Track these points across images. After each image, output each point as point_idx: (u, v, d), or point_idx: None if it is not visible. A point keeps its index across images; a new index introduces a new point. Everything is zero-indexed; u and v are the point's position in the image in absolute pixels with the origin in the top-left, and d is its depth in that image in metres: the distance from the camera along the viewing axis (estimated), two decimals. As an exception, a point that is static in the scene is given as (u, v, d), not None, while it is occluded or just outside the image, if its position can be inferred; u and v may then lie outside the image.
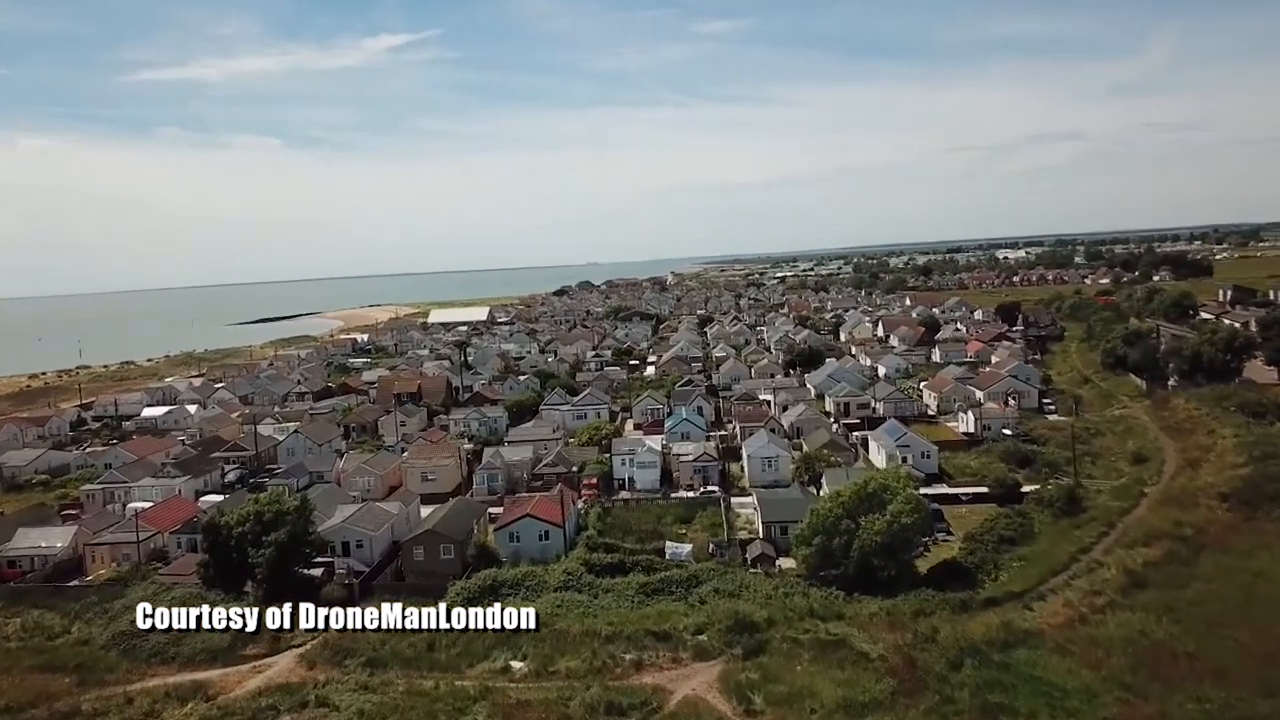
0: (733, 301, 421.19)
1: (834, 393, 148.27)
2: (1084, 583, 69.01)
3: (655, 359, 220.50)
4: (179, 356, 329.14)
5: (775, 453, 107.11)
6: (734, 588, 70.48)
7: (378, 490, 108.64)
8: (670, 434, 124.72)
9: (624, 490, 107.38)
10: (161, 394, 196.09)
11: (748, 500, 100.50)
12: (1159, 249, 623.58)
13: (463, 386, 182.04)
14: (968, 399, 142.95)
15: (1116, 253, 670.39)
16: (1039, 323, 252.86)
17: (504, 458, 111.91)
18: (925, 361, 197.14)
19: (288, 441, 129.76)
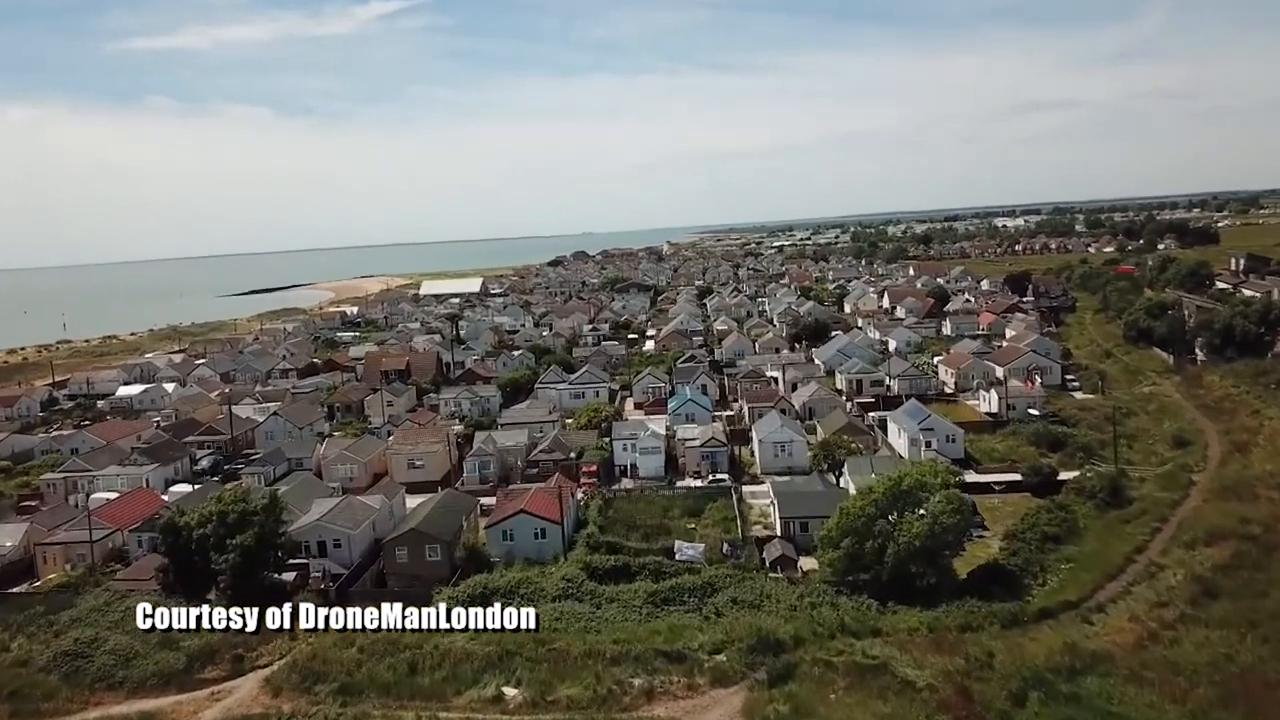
0: (731, 272, 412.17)
1: (845, 369, 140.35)
2: (1146, 591, 61.52)
3: (654, 333, 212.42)
4: (163, 330, 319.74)
5: (789, 437, 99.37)
6: (754, 597, 62.91)
7: (361, 479, 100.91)
8: (674, 415, 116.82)
9: (626, 478, 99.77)
10: (139, 371, 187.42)
11: (760, 489, 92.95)
12: (1159, 217, 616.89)
13: (454, 363, 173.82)
14: (987, 376, 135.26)
15: (1117, 220, 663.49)
16: (1050, 293, 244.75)
17: (497, 443, 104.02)
18: (936, 334, 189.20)
19: (266, 424, 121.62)
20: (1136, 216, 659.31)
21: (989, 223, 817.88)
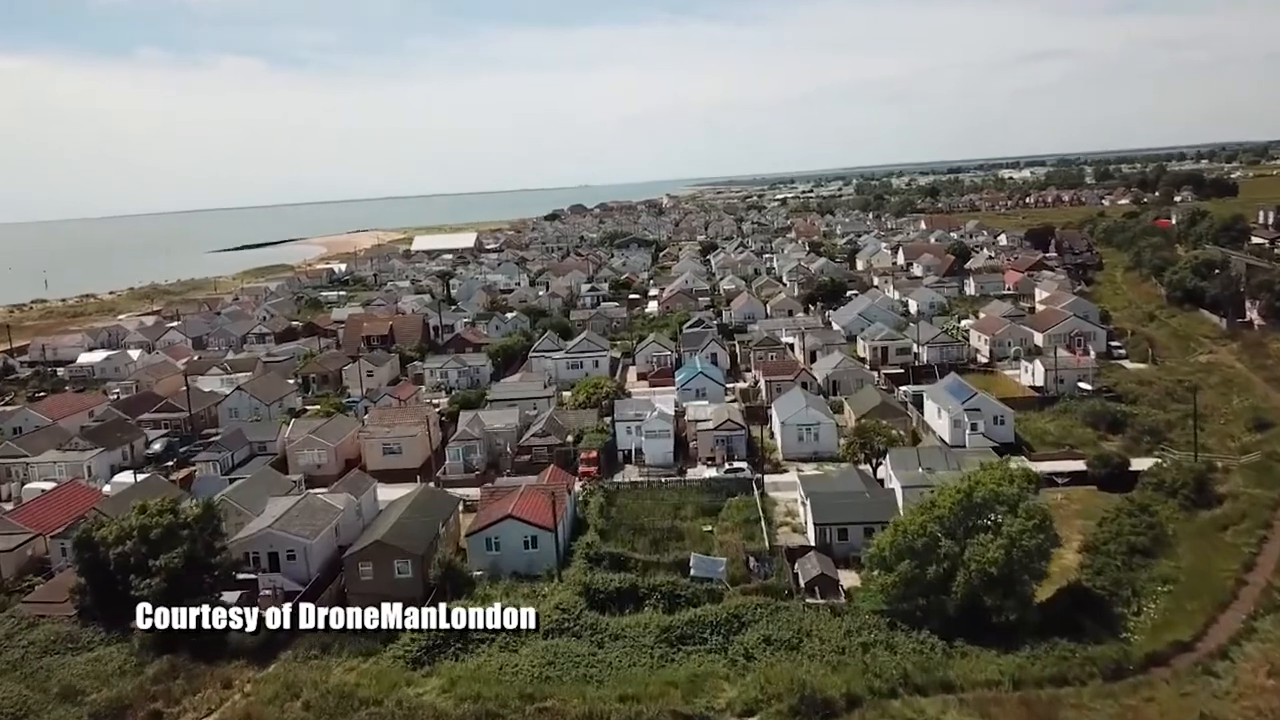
0: (734, 226, 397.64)
1: (868, 335, 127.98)
2: (1276, 629, 50.00)
3: (657, 292, 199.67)
4: (144, 289, 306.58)
5: (816, 419, 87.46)
6: (791, 634, 51.39)
7: (330, 466, 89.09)
8: (682, 391, 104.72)
9: (630, 464, 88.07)
10: (106, 335, 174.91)
11: (784, 480, 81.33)
12: (1169, 168, 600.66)
13: (442, 326, 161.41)
14: (1025, 342, 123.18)
15: (1125, 172, 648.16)
16: (1075, 249, 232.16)
17: (484, 425, 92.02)
18: (959, 294, 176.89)
19: (230, 399, 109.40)
20: (1145, 168, 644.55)
21: (994, 175, 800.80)
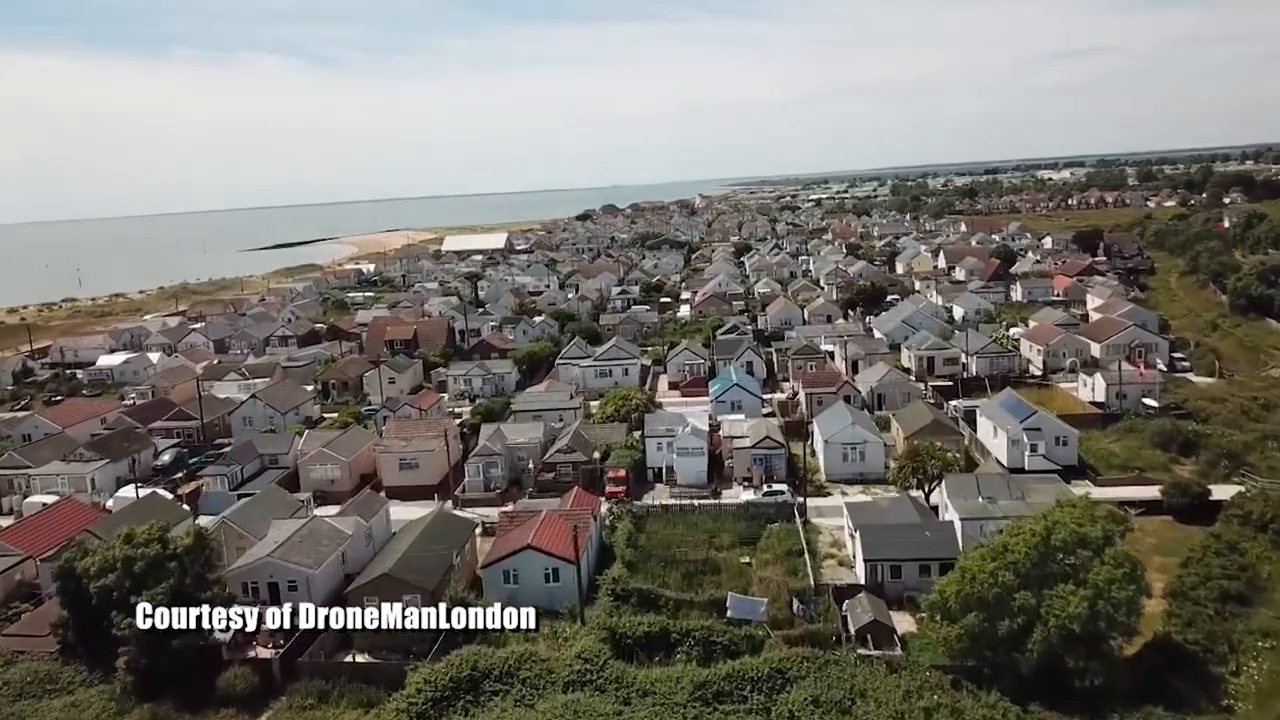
0: (768, 226, 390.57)
1: (913, 344, 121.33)
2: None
3: (690, 296, 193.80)
4: (173, 288, 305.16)
5: (862, 437, 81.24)
6: (842, 694, 45.41)
7: (344, 482, 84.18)
8: (717, 403, 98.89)
9: (660, 483, 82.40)
10: (129, 337, 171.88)
11: (827, 504, 75.35)
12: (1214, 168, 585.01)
13: (468, 330, 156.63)
14: (1080, 353, 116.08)
15: (1166, 173, 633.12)
16: (1124, 252, 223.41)
17: (506, 439, 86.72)
18: (1005, 300, 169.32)
19: (244, 408, 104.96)
20: (1189, 169, 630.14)
21: (1033, 175, 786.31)
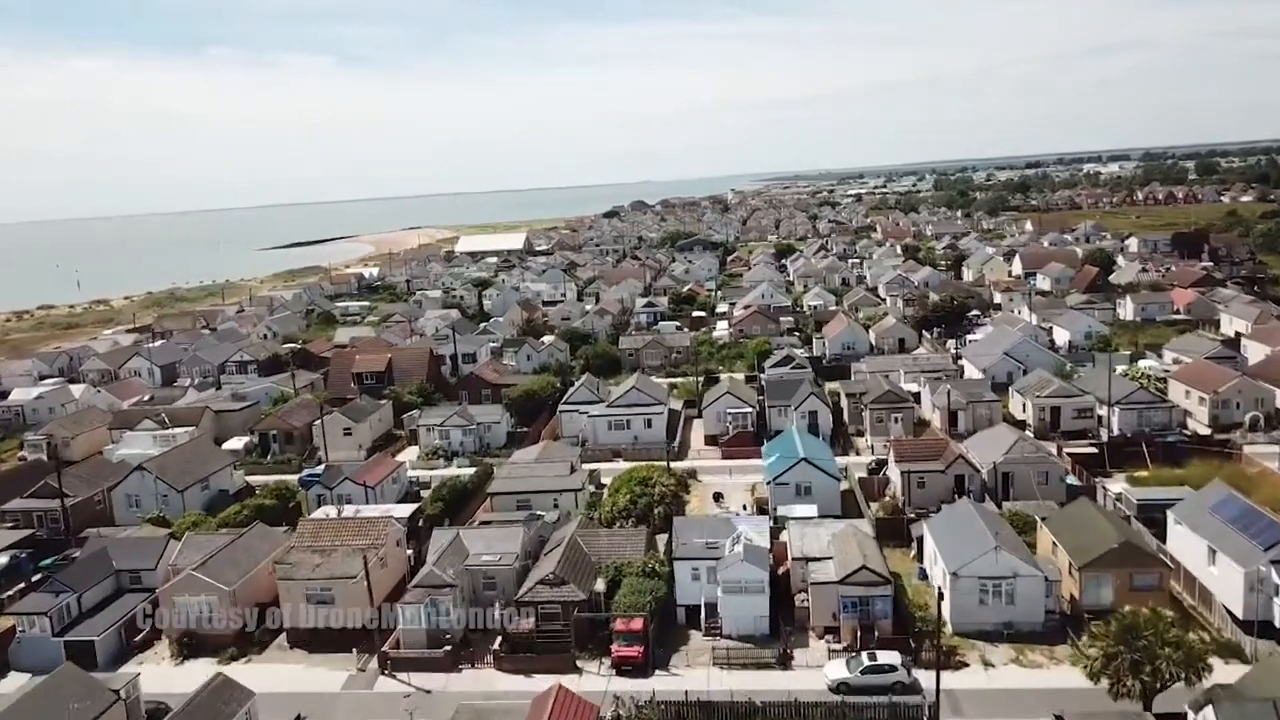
0: (808, 224, 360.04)
1: (1028, 389, 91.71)
2: None
3: (727, 309, 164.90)
4: (161, 294, 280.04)
5: (1010, 569, 52.00)
6: None
7: (223, 619, 56.16)
8: (777, 485, 69.60)
9: (696, 630, 54.06)
10: (66, 361, 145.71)
11: (963, 685, 46.57)
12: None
13: (458, 356, 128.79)
14: (1261, 404, 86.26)
15: (1223, 166, 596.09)
16: (1234, 257, 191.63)
17: (466, 555, 58.44)
18: (1113, 319, 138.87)
19: (128, 483, 77.24)
20: (1258, 161, 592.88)
21: (1078, 169, 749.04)
